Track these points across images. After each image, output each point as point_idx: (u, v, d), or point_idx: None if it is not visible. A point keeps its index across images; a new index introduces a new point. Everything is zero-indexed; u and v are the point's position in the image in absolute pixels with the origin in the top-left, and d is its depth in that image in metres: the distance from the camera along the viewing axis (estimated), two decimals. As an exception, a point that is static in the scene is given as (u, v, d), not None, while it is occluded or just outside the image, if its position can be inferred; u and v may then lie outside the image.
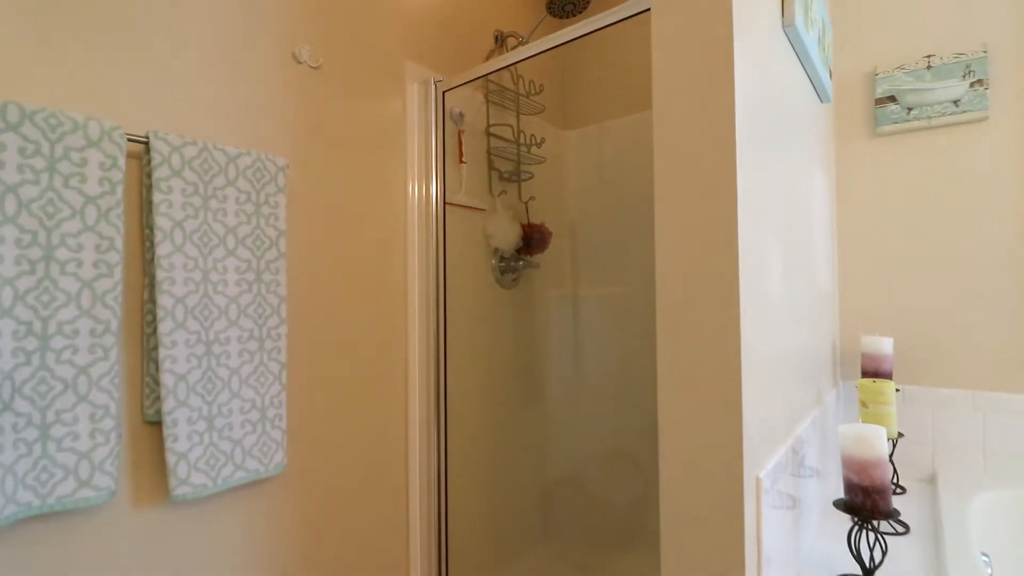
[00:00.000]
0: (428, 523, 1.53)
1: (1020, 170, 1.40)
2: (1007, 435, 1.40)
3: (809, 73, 1.30)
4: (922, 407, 1.51)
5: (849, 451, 0.94)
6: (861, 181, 1.62)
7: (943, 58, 1.48)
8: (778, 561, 0.94)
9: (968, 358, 1.46)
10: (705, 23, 0.80)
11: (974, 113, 1.44)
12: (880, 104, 1.56)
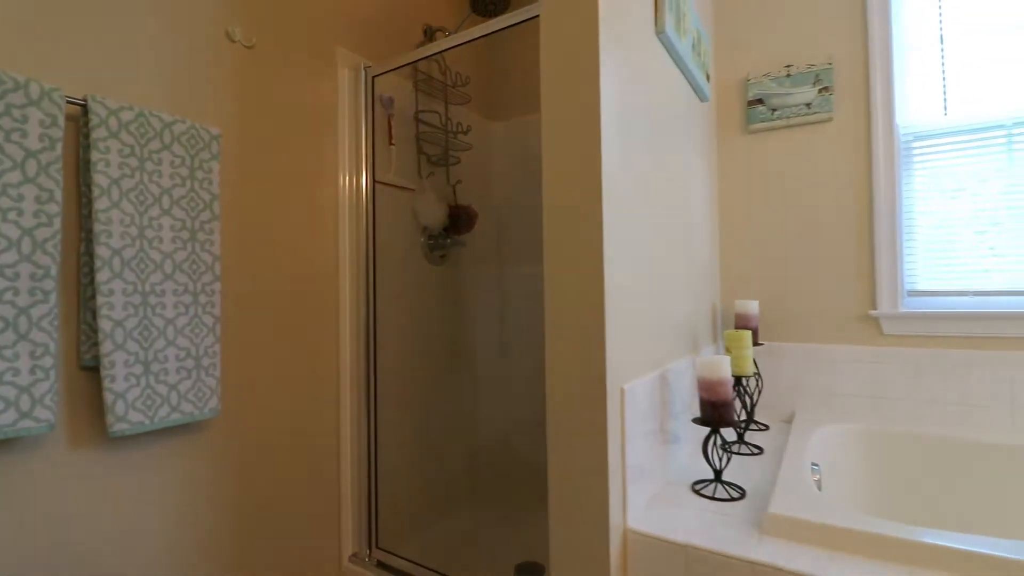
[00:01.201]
0: (359, 478, 1.66)
1: (856, 161, 1.71)
2: (848, 380, 1.71)
3: (686, 75, 1.54)
4: (784, 359, 1.80)
5: (702, 374, 1.17)
6: (738, 170, 1.90)
7: (799, 68, 1.78)
8: (648, 468, 1.15)
9: (819, 317, 1.76)
10: (577, 31, 0.99)
11: (822, 114, 1.74)
12: (751, 105, 1.85)
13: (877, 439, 1.60)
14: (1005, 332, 1.51)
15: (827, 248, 1.75)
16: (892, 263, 1.64)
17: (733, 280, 1.91)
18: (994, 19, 1.58)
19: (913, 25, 1.68)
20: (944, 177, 1.63)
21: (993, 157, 1.58)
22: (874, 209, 1.67)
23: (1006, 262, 1.55)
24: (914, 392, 1.62)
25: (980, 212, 1.59)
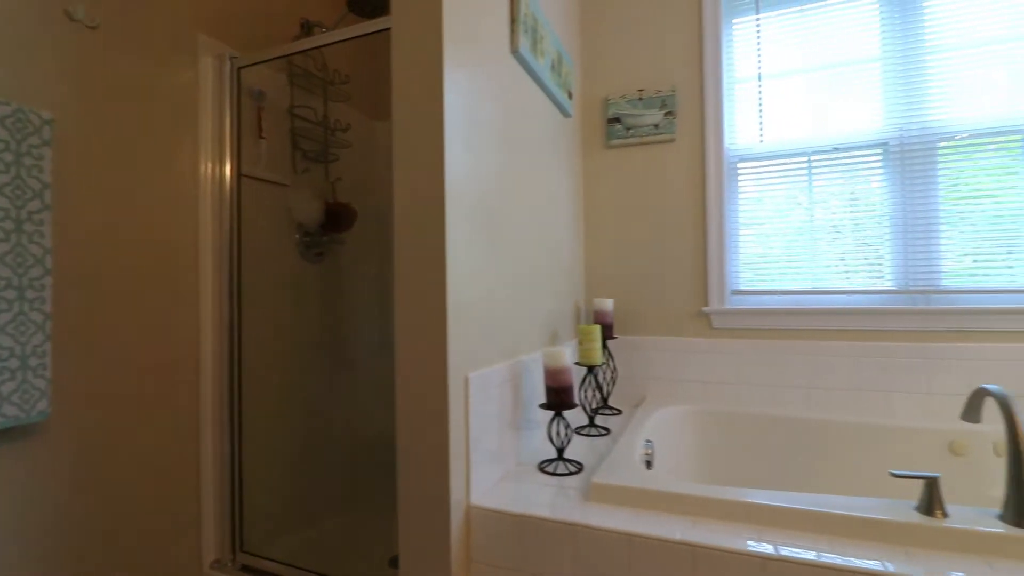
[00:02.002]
0: (221, 482, 1.61)
1: (693, 177, 1.96)
2: (688, 368, 1.95)
3: (546, 92, 1.68)
4: (637, 350, 2.02)
5: (546, 364, 1.30)
6: (600, 181, 2.10)
7: (649, 92, 2.00)
8: (499, 450, 1.25)
9: (664, 313, 2.00)
10: (423, 46, 1.07)
11: (667, 135, 1.98)
12: (610, 123, 2.05)
13: (708, 418, 1.86)
14: (809, 325, 1.82)
15: (671, 253, 1.99)
16: (720, 266, 1.91)
17: (596, 280, 2.10)
18: (795, 62, 1.90)
19: (740, 62, 1.97)
20: (760, 193, 1.93)
21: (797, 178, 1.89)
22: (706, 219, 1.93)
23: (808, 266, 1.87)
24: (739, 377, 1.89)
25: (788, 224, 1.90)
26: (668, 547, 0.95)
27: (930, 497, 0.94)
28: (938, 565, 0.85)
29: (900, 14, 1.78)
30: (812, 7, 1.89)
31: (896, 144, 1.78)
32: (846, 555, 0.88)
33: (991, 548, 0.88)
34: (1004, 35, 1.68)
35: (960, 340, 1.66)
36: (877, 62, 1.82)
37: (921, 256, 1.74)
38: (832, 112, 1.87)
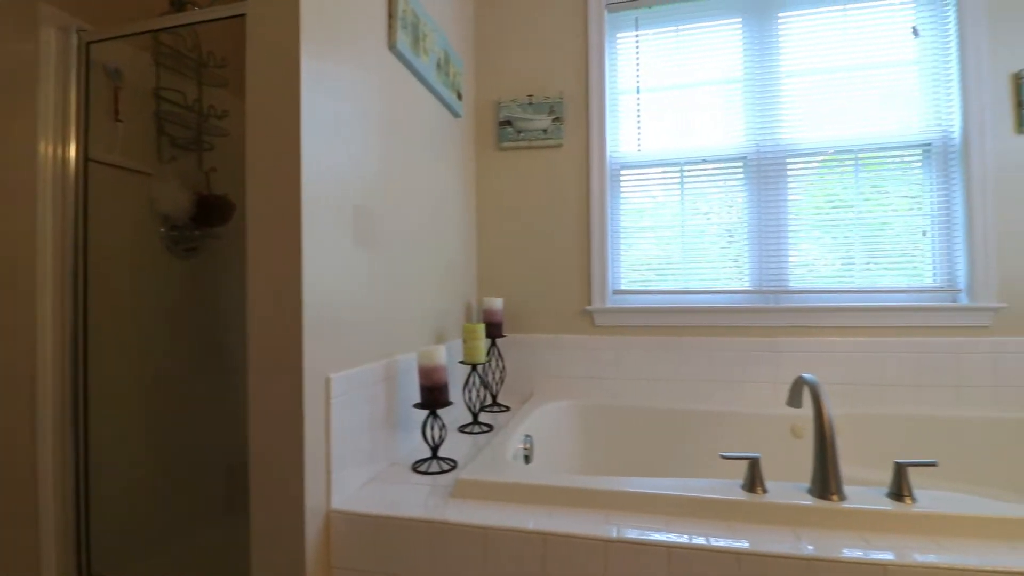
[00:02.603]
0: (63, 500, 1.44)
1: (579, 182, 2.05)
2: (573, 364, 2.03)
3: (431, 91, 1.68)
4: (526, 348, 2.07)
5: (420, 363, 1.30)
6: (493, 182, 2.13)
7: (538, 98, 2.06)
8: (368, 451, 1.23)
9: (552, 311, 2.06)
10: (279, 32, 1.03)
11: (555, 140, 2.05)
12: (502, 126, 2.09)
13: (590, 411, 1.94)
14: (679, 322, 1.96)
15: (559, 254, 2.07)
16: (602, 267, 2.01)
17: (488, 279, 2.13)
18: (671, 78, 2.04)
19: (623, 75, 2.08)
20: (639, 199, 2.06)
21: (671, 186, 2.04)
22: (590, 222, 2.02)
23: (680, 268, 2.01)
24: (619, 372, 2.00)
25: (663, 228, 2.04)
26: (522, 537, 0.98)
27: (752, 475, 1.05)
28: (754, 536, 0.95)
29: (759, 40, 1.97)
30: (686, 28, 2.04)
31: (754, 158, 1.97)
32: (679, 533, 0.95)
33: (800, 519, 0.99)
34: (844, 65, 1.91)
35: (802, 335, 1.87)
36: (740, 83, 2.00)
37: (773, 259, 1.94)
38: (701, 126, 2.03)
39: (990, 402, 1.73)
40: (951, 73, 1.81)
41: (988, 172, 1.75)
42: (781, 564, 0.88)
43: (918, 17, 1.87)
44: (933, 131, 1.84)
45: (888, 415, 1.74)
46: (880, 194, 1.87)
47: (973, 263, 1.75)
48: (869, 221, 1.87)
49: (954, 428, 1.69)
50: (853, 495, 1.01)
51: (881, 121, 1.88)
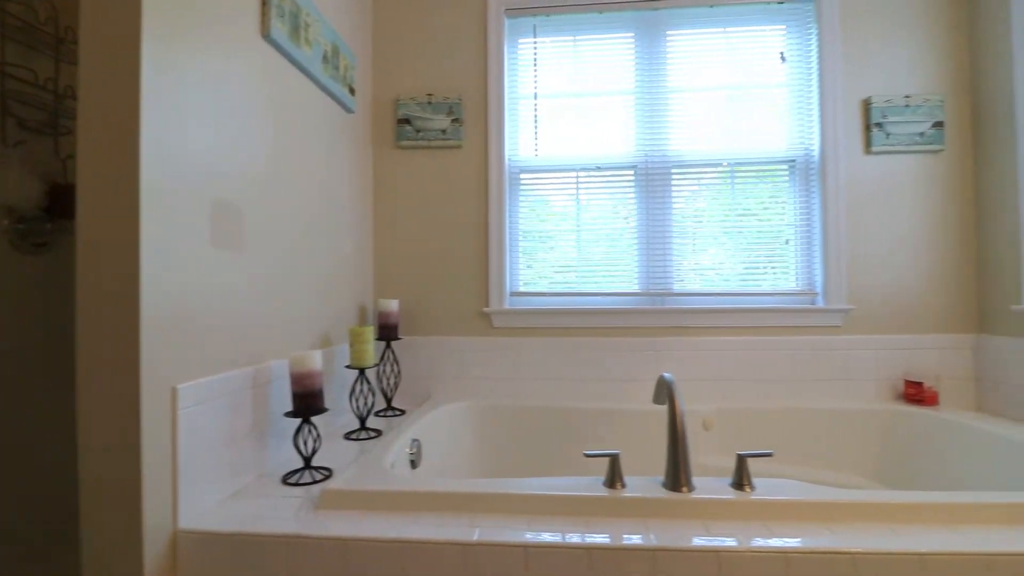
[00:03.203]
0: None
1: (478, 184, 2.05)
2: (471, 365, 2.03)
3: (318, 84, 1.61)
4: (424, 350, 2.04)
5: (291, 369, 1.24)
6: (391, 181, 2.08)
7: (437, 98, 2.05)
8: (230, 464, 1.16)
9: (450, 313, 2.05)
10: (119, 13, 0.94)
11: (454, 141, 2.04)
12: (400, 124, 2.05)
13: (486, 412, 1.95)
14: (574, 324, 2.01)
15: (458, 255, 2.06)
16: (499, 269, 2.03)
17: (386, 281, 2.08)
18: (568, 85, 2.10)
19: (523, 80, 2.11)
20: (539, 203, 2.10)
21: (569, 191, 2.09)
22: (488, 224, 2.03)
23: (575, 270, 2.07)
24: (516, 373, 2.02)
25: (560, 231, 2.08)
26: (382, 547, 0.96)
27: (612, 472, 1.09)
28: (612, 530, 0.98)
29: (649, 56, 2.07)
30: (583, 39, 2.10)
31: (643, 167, 2.07)
32: (540, 531, 0.97)
33: (654, 511, 1.05)
34: (724, 84, 2.05)
35: (685, 335, 1.98)
36: (632, 95, 2.10)
37: (659, 264, 2.04)
38: (597, 134, 2.10)
39: (843, 394, 1.92)
40: (812, 97, 2.00)
41: (841, 188, 1.94)
42: (628, 556, 0.92)
43: (787, 43, 2.04)
44: (797, 149, 2.02)
45: (758, 409, 1.89)
46: (754, 205, 2.03)
47: (827, 269, 1.93)
48: (742, 230, 2.03)
49: (813, 418, 1.86)
50: (701, 486, 1.08)
51: (754, 137, 2.04)
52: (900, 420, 1.80)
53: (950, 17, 1.94)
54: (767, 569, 0.90)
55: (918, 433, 1.75)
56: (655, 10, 2.06)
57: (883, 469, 1.79)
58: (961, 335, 1.90)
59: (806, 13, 2.02)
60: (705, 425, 1.88)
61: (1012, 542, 0.92)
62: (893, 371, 1.91)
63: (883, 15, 1.96)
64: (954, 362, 1.89)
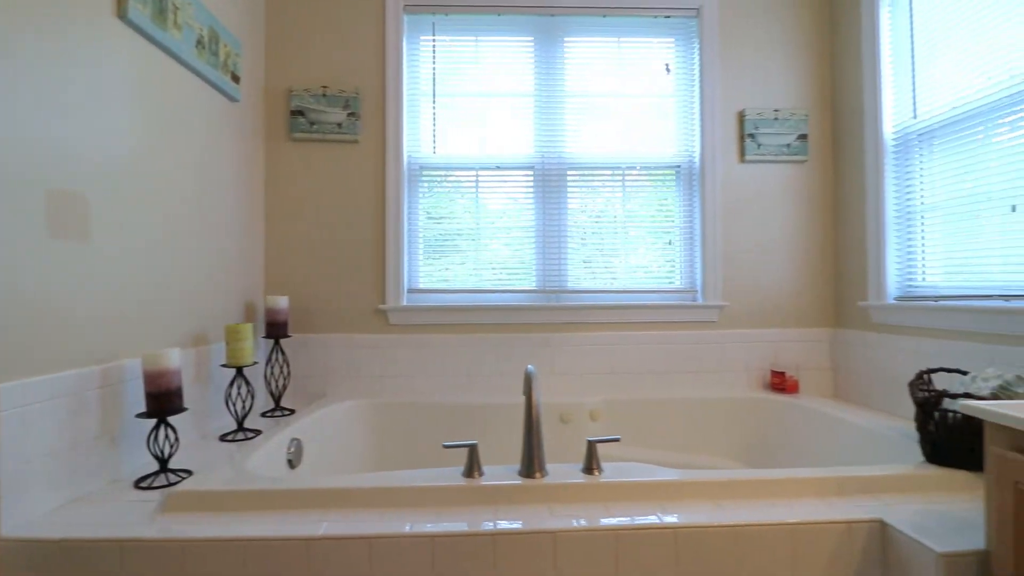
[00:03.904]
0: None
1: (375, 180, 2.04)
2: (367, 363, 2.01)
3: (192, 70, 1.54)
4: (318, 348, 2.00)
5: (146, 368, 1.18)
6: (285, 173, 2.02)
7: (333, 91, 2.01)
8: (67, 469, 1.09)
9: (345, 310, 2.02)
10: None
11: (350, 136, 2.01)
12: (294, 115, 1.99)
13: (382, 409, 1.94)
14: (472, 320, 2.04)
15: (354, 252, 2.03)
16: (396, 266, 2.02)
17: (278, 277, 2.02)
18: (470, 85, 2.12)
19: (424, 77, 2.11)
20: (439, 200, 2.11)
21: (469, 189, 2.12)
22: (386, 221, 2.02)
23: (474, 268, 2.10)
24: (414, 369, 2.03)
25: (459, 229, 2.11)
26: (222, 547, 0.94)
27: (471, 461, 1.13)
28: (461, 517, 1.01)
29: (547, 61, 2.14)
30: (485, 40, 2.13)
31: (540, 168, 2.13)
32: (393, 523, 0.99)
33: (510, 497, 1.09)
34: (618, 91, 2.15)
35: (577, 330, 2.06)
36: (531, 97, 2.15)
37: (554, 262, 2.11)
38: (497, 134, 2.14)
39: (718, 384, 2.07)
40: (695, 107, 2.14)
41: (717, 193, 2.09)
42: (470, 542, 0.95)
43: (675, 56, 2.17)
44: (682, 155, 2.15)
45: (643, 399, 1.99)
46: (644, 207, 2.14)
47: (705, 268, 2.08)
48: (633, 230, 2.13)
49: (691, 407, 1.99)
50: (554, 472, 1.13)
51: (645, 143, 2.15)
52: (765, 407, 1.96)
53: (815, 41, 2.13)
54: (598, 546, 0.96)
55: (779, 418, 1.92)
56: (552, 16, 2.13)
57: (750, 451, 1.95)
58: (821, 329, 2.10)
59: (690, 29, 2.15)
60: (592, 416, 1.96)
61: (816, 512, 1.03)
62: (761, 362, 2.08)
63: (757, 35, 2.12)
64: (815, 353, 2.09)
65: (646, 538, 0.97)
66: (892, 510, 1.03)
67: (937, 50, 1.66)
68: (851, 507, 1.05)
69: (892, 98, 1.84)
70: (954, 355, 1.53)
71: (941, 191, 1.66)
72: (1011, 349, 1.37)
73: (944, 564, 0.88)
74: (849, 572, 1.00)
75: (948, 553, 0.88)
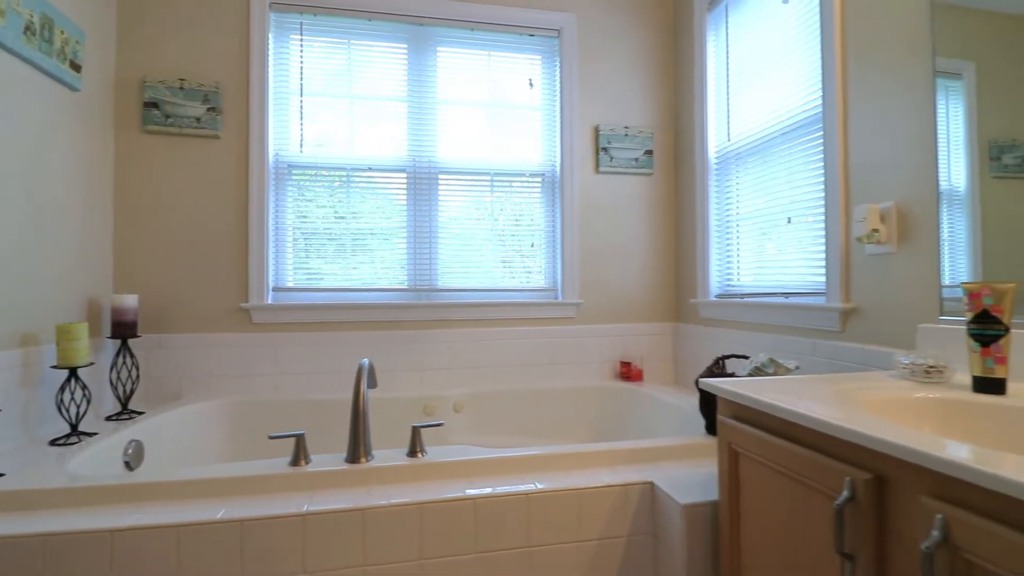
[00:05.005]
0: None
1: (238, 177, 2.02)
2: (228, 363, 1.99)
3: (23, 59, 1.46)
4: (173, 348, 1.95)
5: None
6: (138, 168, 1.95)
7: (191, 84, 1.97)
8: None
9: (204, 309, 1.99)
10: None
11: (210, 131, 1.98)
12: (147, 107, 1.93)
13: (241, 408, 1.93)
14: (342, 318, 2.08)
15: (213, 249, 2.00)
16: (261, 264, 2.02)
17: (130, 276, 1.94)
18: (342, 87, 2.16)
19: (292, 77, 2.11)
20: (309, 199, 2.12)
21: (338, 189, 2.15)
22: (249, 219, 2.01)
23: (345, 266, 2.14)
24: (280, 368, 2.03)
25: (329, 228, 2.14)
26: (18, 544, 0.94)
27: (297, 450, 1.19)
28: (282, 502, 1.07)
29: (420, 68, 2.22)
30: (359, 44, 2.18)
31: (412, 171, 2.21)
32: (205, 512, 1.03)
33: (337, 481, 1.16)
34: (489, 101, 2.27)
35: (445, 327, 2.17)
36: (404, 102, 2.22)
37: (425, 261, 2.21)
38: (369, 136, 2.19)
39: (575, 374, 2.26)
40: (557, 121, 2.32)
41: (575, 201, 2.28)
42: (279, 524, 1.02)
43: (541, 72, 2.34)
44: (546, 164, 2.32)
45: (506, 391, 2.14)
46: (511, 211, 2.29)
47: (565, 269, 2.26)
48: (500, 233, 2.28)
49: (550, 396, 2.16)
50: (380, 457, 1.22)
51: (514, 152, 2.30)
52: (611, 393, 2.18)
53: (661, 67, 2.39)
54: (405, 520, 1.07)
55: (624, 403, 2.14)
56: (421, 25, 2.21)
57: (599, 434, 2.15)
58: (664, 323, 2.36)
59: (553, 48, 2.33)
60: (456, 408, 2.08)
61: (602, 479, 1.20)
62: (613, 354, 2.30)
63: (612, 58, 2.34)
64: (659, 345, 2.34)
65: (449, 510, 1.09)
66: (664, 474, 1.23)
67: (745, 84, 1.95)
68: (632, 473, 1.23)
69: (714, 122, 2.12)
70: (751, 343, 1.81)
71: (748, 204, 1.94)
72: (784, 337, 1.65)
73: (685, 513, 1.07)
74: (625, 524, 1.18)
75: (689, 504, 1.08)
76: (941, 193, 1.18)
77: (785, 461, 0.85)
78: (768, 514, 0.90)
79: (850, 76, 1.42)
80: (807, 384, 1.00)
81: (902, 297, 1.27)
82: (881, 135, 1.33)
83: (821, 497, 0.78)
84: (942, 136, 1.18)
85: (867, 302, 1.37)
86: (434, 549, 1.08)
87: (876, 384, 0.99)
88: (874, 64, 1.35)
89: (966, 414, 0.90)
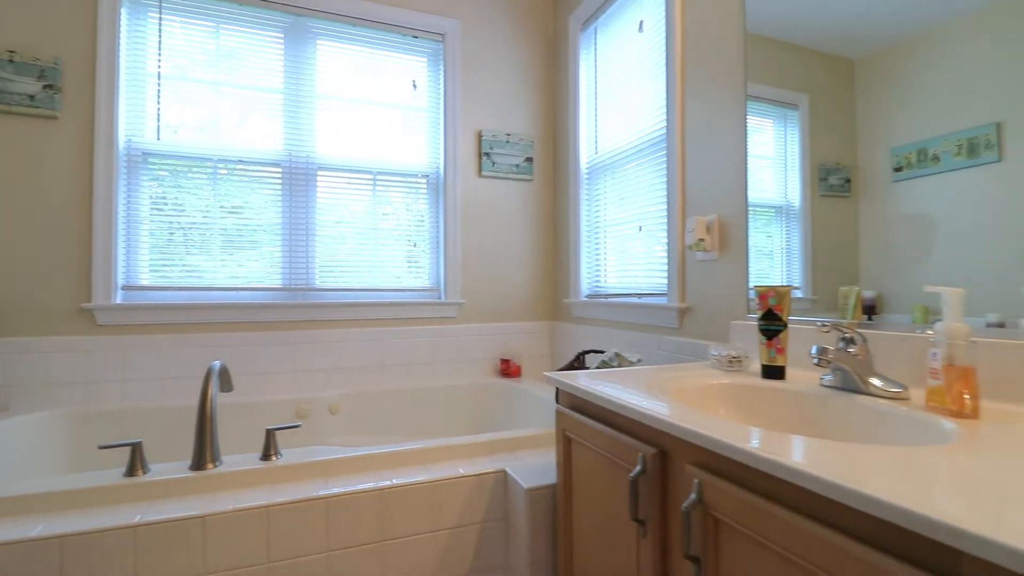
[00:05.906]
0: None
1: (81, 164, 1.83)
2: (66, 369, 1.80)
3: None
4: (1, 355, 1.73)
5: None
6: (-51, 147, 1.70)
7: (24, 58, 1.75)
8: None
9: (34, 310, 1.78)
10: None
11: (46, 111, 1.77)
12: (-38, 79, 1.69)
13: (81, 419, 1.75)
14: (204, 319, 1.95)
15: (46, 243, 1.80)
16: (107, 261, 1.85)
17: (-61, 270, 1.69)
18: (209, 73, 2.03)
19: (150, 59, 1.95)
20: (169, 191, 1.97)
21: (203, 181, 2.02)
22: (94, 211, 1.83)
23: (208, 264, 2.01)
24: (128, 374, 1.87)
25: (196, 223, 2.00)
26: None
27: (133, 460, 1.12)
28: (122, 514, 1.01)
29: (298, 60, 2.15)
30: (228, 28, 2.05)
31: (287, 166, 2.13)
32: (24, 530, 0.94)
33: (178, 490, 1.11)
34: (373, 99, 2.25)
35: (322, 327, 2.12)
36: (280, 94, 2.14)
37: (301, 260, 2.14)
38: (241, 127, 2.08)
39: (458, 372, 2.32)
40: (440, 123, 2.36)
41: (458, 203, 2.34)
42: (109, 537, 0.96)
43: (426, 75, 2.36)
44: (431, 166, 2.35)
45: (386, 390, 2.14)
46: (394, 211, 2.29)
47: (447, 269, 2.31)
48: (383, 232, 2.27)
49: (432, 394, 2.20)
50: (229, 462, 1.19)
51: (398, 151, 2.30)
52: (491, 390, 2.26)
53: (541, 79, 2.51)
54: (249, 526, 1.05)
55: (503, 398, 2.23)
56: (299, 16, 2.15)
57: (477, 429, 2.23)
58: (542, 322, 2.49)
59: (437, 51, 2.37)
60: (332, 410, 2.04)
61: (460, 470, 1.26)
62: (494, 352, 2.39)
63: (495, 65, 2.42)
64: (537, 342, 2.47)
65: (298, 511, 1.09)
66: (519, 462, 1.32)
67: (611, 101, 2.11)
68: (488, 463, 1.31)
69: (586, 134, 2.28)
70: (613, 339, 1.97)
71: (613, 213, 2.11)
72: (637, 334, 1.82)
73: (528, 496, 1.16)
74: (480, 511, 1.25)
75: (531, 488, 1.17)
76: (777, 208, 1.36)
77: (601, 442, 0.96)
78: (590, 491, 1.01)
79: (687, 103, 1.61)
80: (635, 375, 1.13)
81: (721, 297, 1.47)
82: (709, 156, 1.52)
83: (624, 472, 0.90)
84: (780, 158, 1.35)
85: (698, 302, 1.57)
86: (282, 551, 1.07)
87: (690, 373, 1.14)
88: (703, 94, 1.54)
89: (753, 396, 1.07)
